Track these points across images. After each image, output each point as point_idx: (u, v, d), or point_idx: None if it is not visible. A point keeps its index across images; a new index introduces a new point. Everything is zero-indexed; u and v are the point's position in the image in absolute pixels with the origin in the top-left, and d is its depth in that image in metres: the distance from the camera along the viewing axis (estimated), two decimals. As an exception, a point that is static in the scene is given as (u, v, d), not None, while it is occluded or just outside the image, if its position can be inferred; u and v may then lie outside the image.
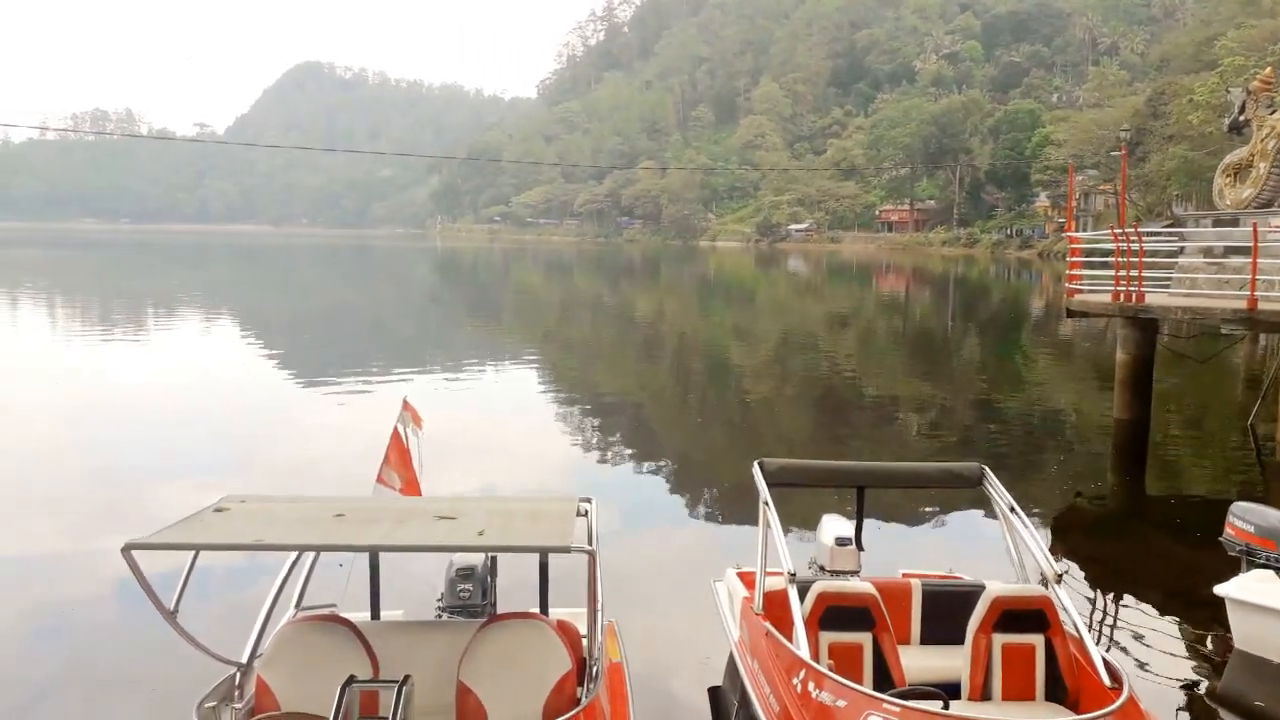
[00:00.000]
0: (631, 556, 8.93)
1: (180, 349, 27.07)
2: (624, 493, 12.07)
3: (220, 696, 4.39)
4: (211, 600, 7.24)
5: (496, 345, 29.70)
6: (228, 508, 4.29)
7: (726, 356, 27.71)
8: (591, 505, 4.91)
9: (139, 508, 11.02)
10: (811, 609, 5.12)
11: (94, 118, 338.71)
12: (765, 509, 5.79)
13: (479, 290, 60.03)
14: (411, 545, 3.86)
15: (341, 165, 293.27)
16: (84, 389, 19.54)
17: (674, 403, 20.18)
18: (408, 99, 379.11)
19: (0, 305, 40.47)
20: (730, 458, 14.74)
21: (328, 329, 35.48)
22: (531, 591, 5.46)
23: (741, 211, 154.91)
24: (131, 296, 46.58)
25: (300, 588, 5.17)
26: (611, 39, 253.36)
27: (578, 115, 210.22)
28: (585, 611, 5.04)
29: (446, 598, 5.50)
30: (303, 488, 10.03)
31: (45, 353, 25.57)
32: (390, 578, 5.58)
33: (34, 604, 8.21)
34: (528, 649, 4.45)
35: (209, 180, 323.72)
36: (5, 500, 11.30)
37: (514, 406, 18.67)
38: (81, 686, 6.76)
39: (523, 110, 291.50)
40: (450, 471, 10.75)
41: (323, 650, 4.43)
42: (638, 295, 54.58)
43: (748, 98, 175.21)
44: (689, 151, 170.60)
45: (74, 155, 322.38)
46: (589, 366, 25.36)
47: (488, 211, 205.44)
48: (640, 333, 34.49)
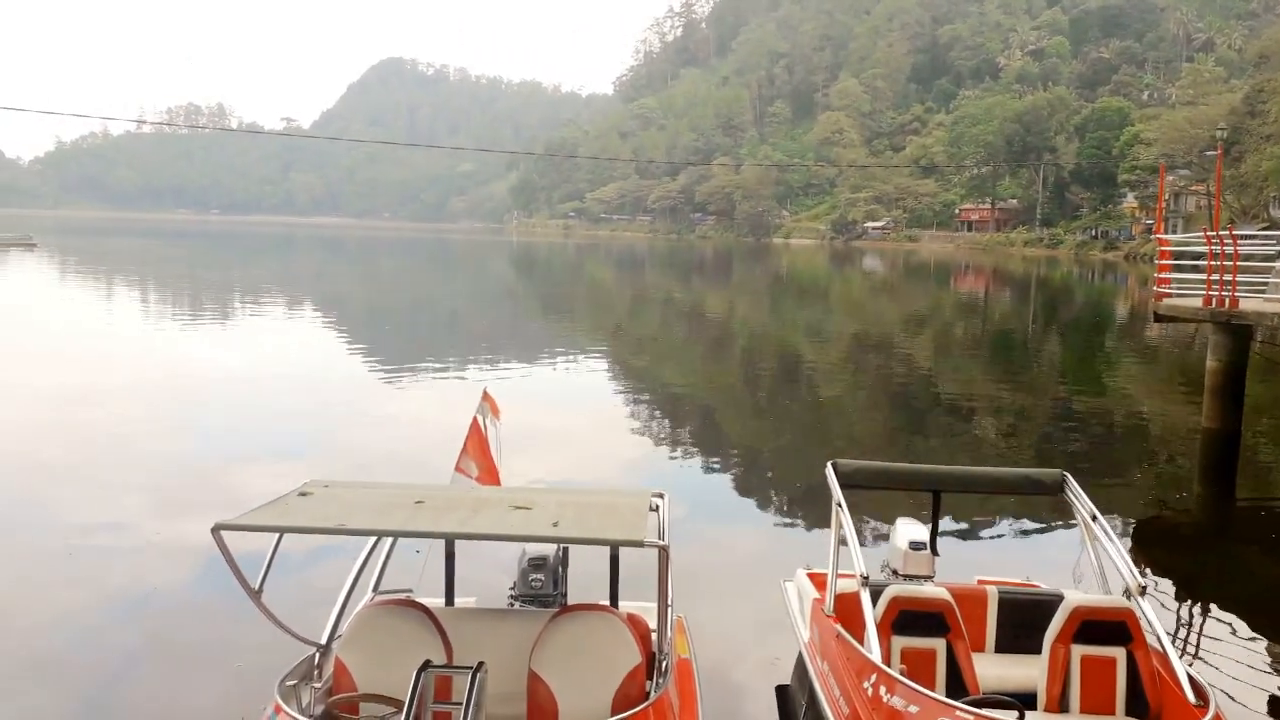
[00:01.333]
0: (700, 552, 8.93)
1: (266, 336, 27.90)
2: (693, 488, 12.08)
3: (300, 676, 4.52)
4: (290, 581, 7.45)
5: (569, 339, 29.93)
6: (311, 492, 4.41)
7: (798, 355, 27.48)
8: (664, 500, 4.93)
9: (222, 489, 11.42)
10: (884, 613, 5.07)
11: (188, 111, 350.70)
12: (838, 510, 5.74)
13: (553, 285, 60.54)
14: (487, 534, 3.92)
15: (422, 160, 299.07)
16: (175, 373, 20.27)
17: (744, 401, 20.09)
18: (487, 95, 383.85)
19: (99, 292, 42.24)
20: (800, 457, 14.63)
21: (407, 320, 36.21)
22: (601, 583, 5.50)
23: (817, 209, 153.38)
24: (221, 286, 48.16)
25: (378, 571, 5.30)
26: (689, 35, 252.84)
27: (653, 111, 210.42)
28: (654, 605, 5.06)
29: (519, 586, 5.57)
30: (381, 474, 10.25)
31: (139, 338, 26.59)
32: (463, 565, 5.68)
33: (122, 578, 8.53)
34: (598, 640, 4.48)
35: (294, 173, 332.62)
36: (97, 478, 11.80)
37: (585, 399, 18.82)
38: (167, 659, 7.02)
39: (599, 106, 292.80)
40: (521, 462, 10.87)
41: (399, 634, 4.53)
42: (709, 292, 54.44)
43: (825, 94, 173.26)
44: (765, 148, 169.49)
45: (168, 148, 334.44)
46: (659, 362, 25.39)
47: (563, 207, 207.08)
48: (711, 330, 34.41)
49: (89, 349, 23.63)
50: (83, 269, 56.91)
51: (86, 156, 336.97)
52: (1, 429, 14.23)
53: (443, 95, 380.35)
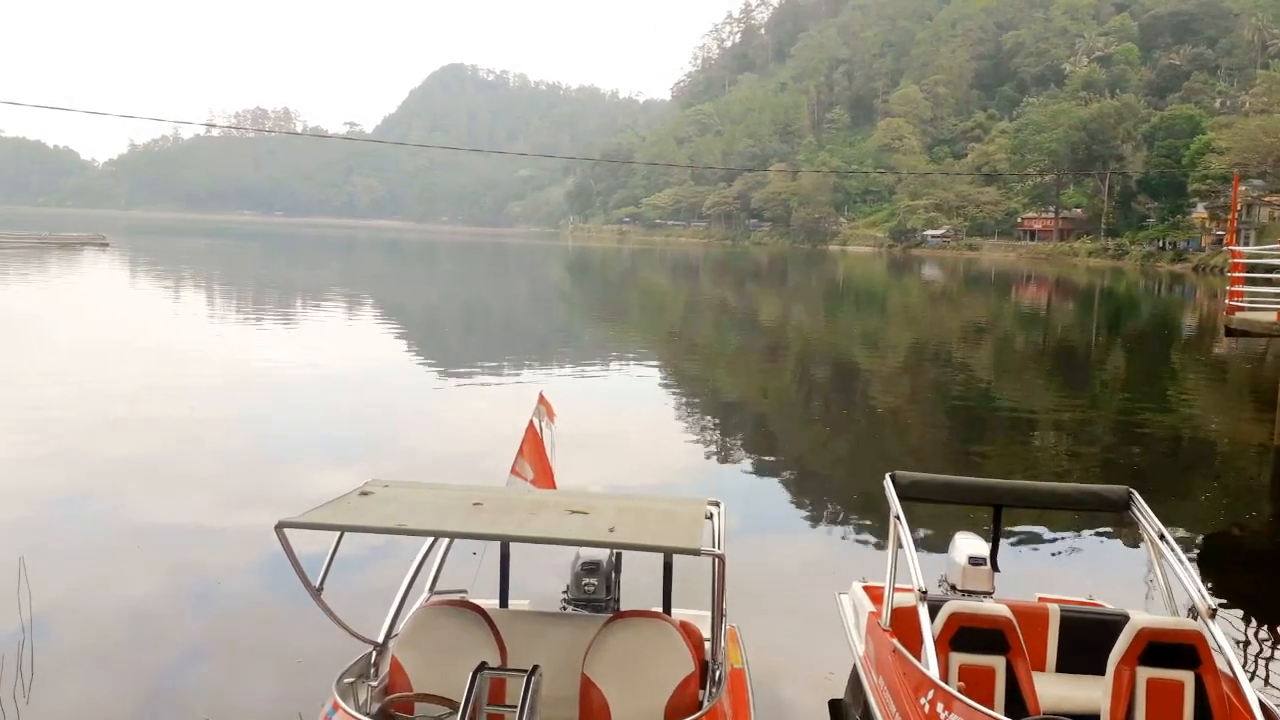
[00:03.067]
0: (752, 562, 8.87)
1: (327, 336, 28.41)
2: (745, 497, 12.01)
3: (358, 673, 4.58)
4: (347, 578, 7.56)
5: (622, 344, 29.99)
6: (372, 491, 4.48)
7: (854, 364, 27.21)
8: (719, 509, 4.91)
9: (283, 486, 11.65)
10: (943, 628, 4.98)
11: (254, 116, 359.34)
12: (896, 523, 5.66)
13: (606, 290, 60.75)
14: (544, 537, 3.94)
15: (481, 165, 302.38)
16: (239, 371, 20.74)
17: (798, 409, 19.95)
18: (547, 101, 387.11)
19: (168, 290, 43.40)
20: (855, 468, 14.48)
21: (463, 323, 36.62)
22: (653, 590, 5.49)
23: (875, 216, 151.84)
24: (285, 286, 49.18)
25: (434, 572, 5.36)
26: (747, 41, 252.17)
27: (710, 117, 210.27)
28: (707, 614, 5.05)
29: (572, 590, 5.59)
30: (437, 474, 10.37)
31: (206, 336, 27.25)
32: (517, 567, 5.71)
33: (186, 572, 8.73)
34: (652, 648, 4.47)
35: (357, 177, 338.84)
36: (162, 474, 12.09)
37: (637, 405, 18.83)
38: (227, 653, 7.17)
39: (656, 112, 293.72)
40: (574, 465, 10.91)
41: (454, 635, 4.56)
42: (763, 298, 54.18)
43: (885, 100, 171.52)
44: (822, 154, 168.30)
45: (236, 151, 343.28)
46: (713, 368, 25.33)
47: (618, 212, 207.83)
48: (765, 337, 34.23)
49: (158, 346, 24.28)
50: (153, 268, 58.53)
51: (157, 159, 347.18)
52: (74, 424, 14.68)
53: (502, 101, 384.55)
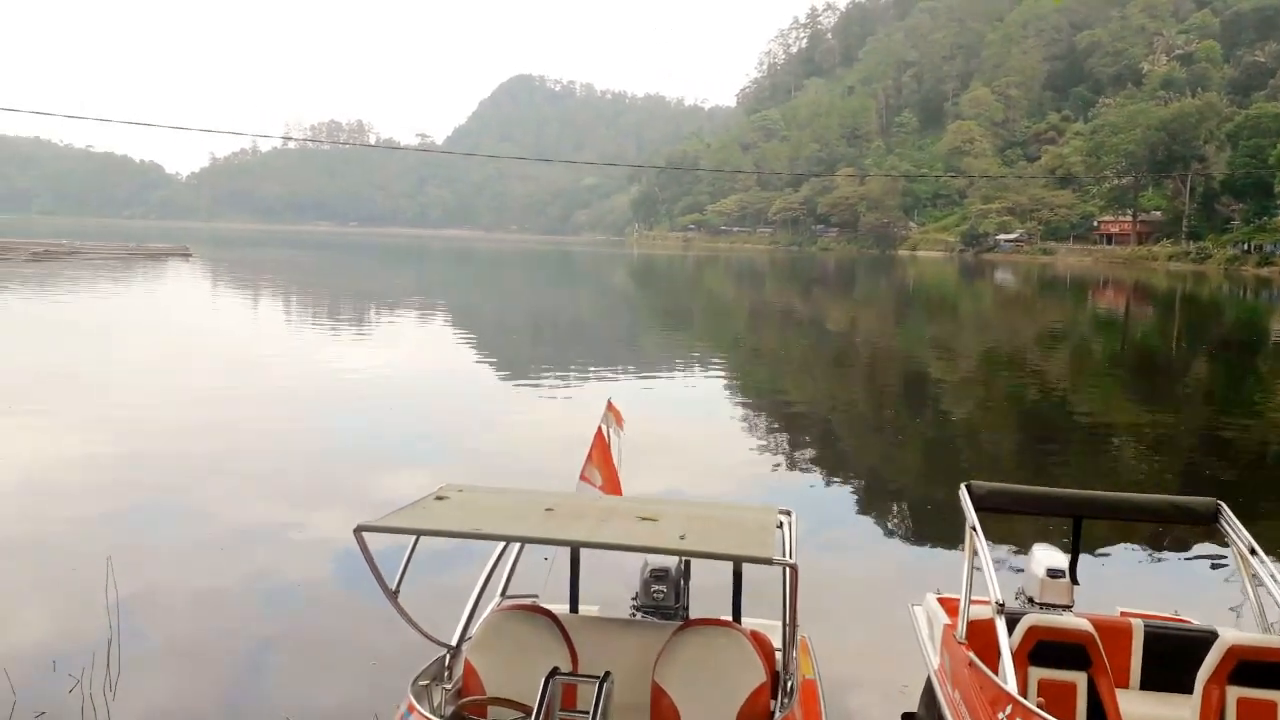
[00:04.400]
0: (822, 571, 8.77)
1: (400, 343, 28.95)
2: (814, 505, 11.89)
3: (432, 676, 4.64)
4: (419, 581, 7.68)
5: (687, 350, 29.97)
6: (447, 496, 4.54)
7: (924, 371, 26.76)
8: (790, 517, 4.86)
9: (358, 489, 11.89)
10: (1021, 642, 4.86)
11: (329, 128, 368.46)
12: (972, 534, 5.55)
13: (671, 297, 60.77)
14: (615, 544, 3.95)
15: (548, 174, 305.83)
16: (316, 376, 21.25)
17: (867, 417, 19.69)
18: (612, 110, 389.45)
19: (248, 299, 44.70)
20: (927, 477, 14.23)
21: (532, 329, 36.98)
22: (721, 598, 5.46)
23: (946, 220, 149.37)
24: (360, 294, 50.27)
25: (506, 576, 5.41)
26: (814, 46, 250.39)
27: (776, 123, 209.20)
28: (776, 623, 5.00)
29: (641, 597, 5.58)
30: (507, 479, 10.48)
31: (284, 342, 27.99)
32: (585, 573, 5.73)
33: (262, 571, 8.95)
34: (723, 657, 4.45)
35: (428, 187, 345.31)
36: (242, 475, 12.43)
37: (703, 411, 18.78)
38: (304, 651, 7.33)
39: (721, 119, 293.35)
40: (641, 472, 10.93)
41: (526, 639, 4.60)
42: (831, 305, 53.66)
43: (956, 103, 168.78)
44: (891, 158, 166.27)
45: (312, 163, 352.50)
46: (779, 376, 25.15)
47: (683, 219, 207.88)
48: (832, 343, 33.88)
49: (238, 351, 25.00)
50: (233, 277, 60.30)
51: (237, 172, 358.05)
52: (160, 426, 15.18)
53: (569, 110, 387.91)
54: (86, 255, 71.35)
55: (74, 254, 71.36)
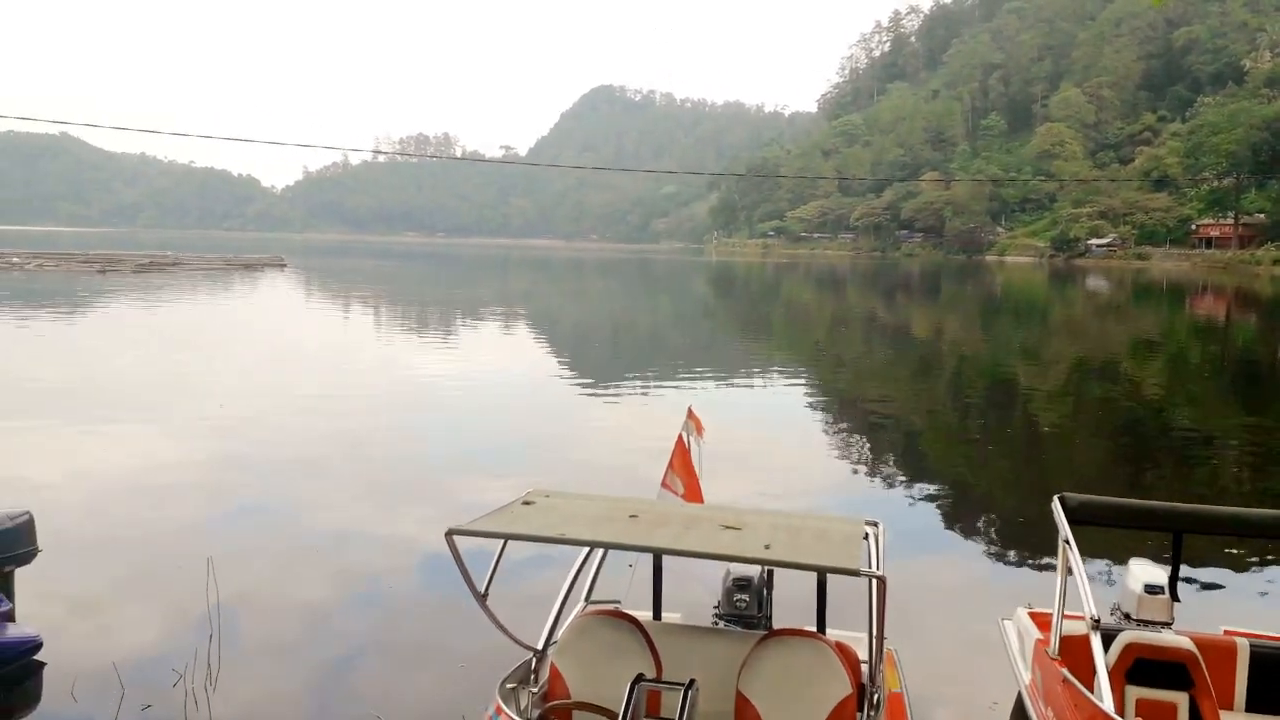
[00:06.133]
0: (908, 583, 8.63)
1: (484, 350, 29.45)
2: (899, 516, 11.69)
3: (519, 679, 4.72)
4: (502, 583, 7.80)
5: (767, 358, 29.78)
6: (534, 501, 4.61)
7: (1013, 379, 26.10)
8: (878, 529, 4.81)
9: (441, 492, 12.15)
10: (1118, 659, 4.72)
11: (417, 141, 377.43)
12: (1066, 547, 5.40)
13: (751, 304, 60.47)
14: (700, 552, 3.96)
15: (627, 183, 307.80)
16: (404, 382, 21.76)
17: (953, 426, 19.29)
18: (692, 118, 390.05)
19: (339, 306, 46.01)
20: (1016, 488, 13.89)
21: (612, 336, 37.22)
22: (804, 608, 5.42)
23: (1035, 225, 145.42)
24: (446, 302, 51.31)
25: (590, 581, 5.46)
26: (897, 50, 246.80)
27: (858, 128, 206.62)
28: (861, 634, 4.94)
29: (723, 606, 5.57)
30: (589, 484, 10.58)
31: (374, 349, 28.73)
32: (666, 580, 5.75)
33: (354, 572, 9.20)
34: (808, 668, 4.42)
35: (510, 198, 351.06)
36: (333, 479, 12.80)
37: (783, 419, 18.65)
38: (393, 651, 7.50)
39: (802, 125, 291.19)
40: (720, 480, 10.91)
41: (611, 645, 4.64)
42: (915, 311, 52.71)
43: (1045, 105, 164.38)
44: (977, 162, 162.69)
45: (400, 175, 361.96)
46: (861, 383, 24.80)
47: (762, 226, 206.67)
48: (917, 351, 33.28)
49: (331, 358, 25.77)
50: (325, 287, 62.13)
51: (329, 184, 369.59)
52: (256, 431, 15.73)
53: (649, 120, 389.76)
54: (188, 266, 74.32)
55: (176, 265, 74.40)
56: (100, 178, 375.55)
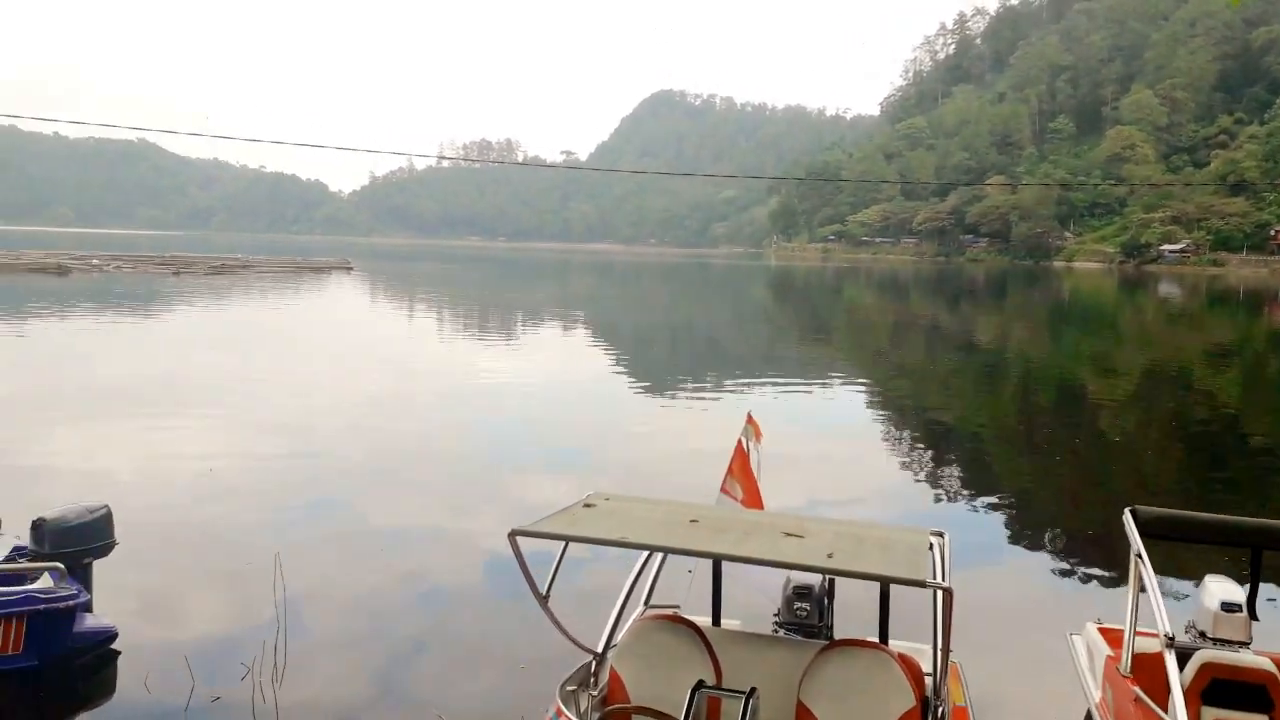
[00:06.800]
0: (972, 595, 8.45)
1: (543, 352, 29.69)
2: (962, 525, 11.50)
3: (578, 682, 4.74)
4: (560, 586, 7.85)
5: (826, 364, 29.51)
6: (595, 504, 4.63)
7: (1081, 388, 25.49)
8: (944, 539, 4.73)
9: (501, 493, 12.26)
10: (1193, 679, 4.58)
11: (480, 147, 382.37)
12: (1138, 562, 5.26)
13: (810, 309, 60.00)
14: (762, 559, 3.94)
15: (686, 188, 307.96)
16: (465, 383, 22.03)
17: (1018, 435, 18.90)
18: (753, 122, 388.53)
19: (403, 310, 46.76)
20: (1084, 500, 13.55)
21: (670, 340, 37.23)
22: (865, 618, 5.36)
23: (1104, 230, 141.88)
24: (507, 306, 51.85)
25: (649, 585, 5.46)
26: (962, 52, 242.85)
27: (922, 131, 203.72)
28: (924, 646, 4.87)
29: (783, 614, 5.54)
30: (646, 488, 10.59)
31: (436, 350, 29.14)
32: (725, 586, 5.73)
33: (416, 571, 9.34)
34: (871, 679, 4.37)
35: (571, 202, 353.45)
36: (396, 478, 13.01)
37: (843, 426, 18.46)
38: (454, 650, 7.61)
39: (864, 128, 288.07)
40: (779, 486, 10.83)
41: (671, 650, 4.63)
42: (979, 318, 51.78)
43: (1115, 107, 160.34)
44: (1045, 165, 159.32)
45: (463, 181, 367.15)
46: (923, 391, 24.43)
47: (823, 230, 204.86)
48: (981, 358, 32.69)
49: (395, 359, 26.20)
50: (391, 289, 63.20)
51: (394, 189, 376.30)
52: (323, 430, 16.06)
53: (709, 124, 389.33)
54: (258, 269, 76.21)
55: (247, 268, 76.34)
56: (176, 183, 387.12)
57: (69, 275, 62.35)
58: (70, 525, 7.25)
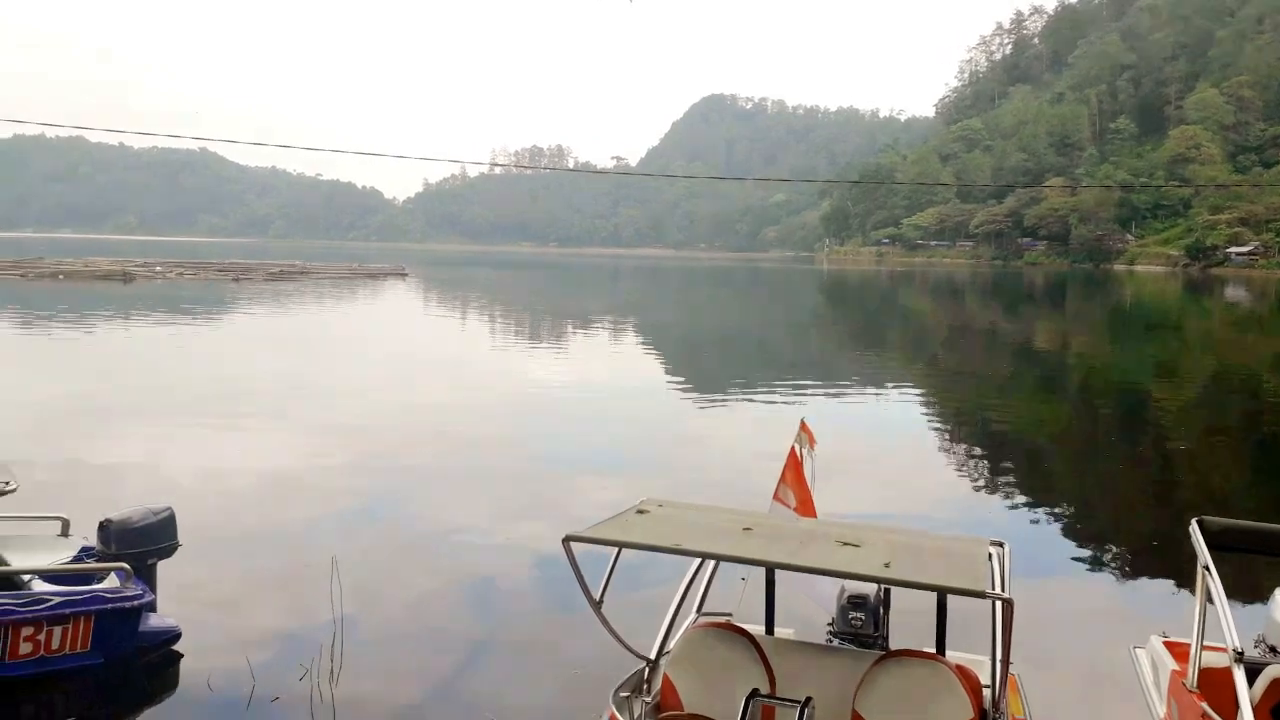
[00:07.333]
0: (1031, 605, 8.29)
1: (595, 357, 29.80)
2: (1021, 534, 11.28)
3: (632, 688, 4.74)
4: (612, 591, 7.86)
5: (880, 369, 29.18)
6: (648, 510, 4.63)
7: (1143, 395, 24.88)
8: (1004, 550, 4.65)
9: (553, 498, 12.31)
10: (1263, 695, 4.44)
11: (532, 154, 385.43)
12: (1205, 574, 5.11)
13: (864, 314, 59.40)
14: (817, 568, 3.91)
15: (737, 192, 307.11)
16: (517, 388, 22.18)
17: (1078, 443, 18.50)
18: (804, 125, 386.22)
19: (456, 316, 47.29)
20: (1147, 510, 13.23)
21: (721, 345, 37.12)
22: (920, 628, 5.28)
23: (1168, 232, 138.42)
24: (558, 312, 52.16)
25: (702, 593, 5.45)
26: (1020, 52, 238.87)
27: (978, 132, 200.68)
28: (981, 658, 4.79)
29: (838, 623, 5.48)
30: (697, 494, 10.56)
31: (489, 355, 29.41)
32: (778, 595, 5.68)
33: (470, 574, 9.42)
34: (928, 690, 4.30)
35: (621, 208, 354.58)
36: (450, 482, 13.15)
37: (899, 433, 18.23)
38: (506, 654, 7.65)
39: (918, 130, 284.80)
40: (832, 494, 10.72)
41: (724, 658, 4.61)
42: (1038, 322, 50.82)
43: (1179, 106, 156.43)
44: (1105, 166, 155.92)
45: (515, 187, 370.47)
46: (980, 397, 24.03)
47: (876, 234, 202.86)
48: (1040, 364, 32.08)
49: (449, 365, 26.50)
50: (444, 296, 63.95)
51: (447, 196, 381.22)
52: (379, 435, 16.29)
53: (760, 128, 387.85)
54: (315, 275, 77.64)
55: (305, 274, 77.83)
56: (235, 191, 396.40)
57: (133, 282, 64.11)
58: (135, 526, 7.43)
